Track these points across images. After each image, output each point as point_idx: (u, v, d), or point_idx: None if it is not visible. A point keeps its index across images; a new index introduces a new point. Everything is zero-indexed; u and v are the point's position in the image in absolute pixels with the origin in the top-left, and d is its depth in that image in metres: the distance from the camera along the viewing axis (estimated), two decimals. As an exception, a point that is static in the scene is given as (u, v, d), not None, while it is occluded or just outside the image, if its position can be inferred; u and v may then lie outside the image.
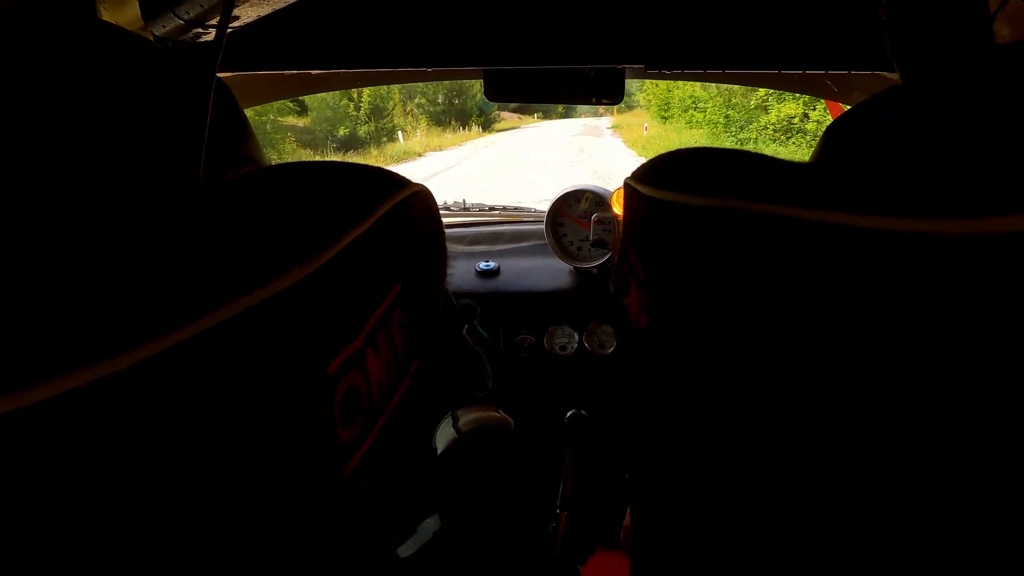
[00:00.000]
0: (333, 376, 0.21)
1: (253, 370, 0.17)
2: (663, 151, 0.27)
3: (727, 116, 11.31)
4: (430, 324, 0.30)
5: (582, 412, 0.90)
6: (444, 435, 0.70)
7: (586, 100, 0.75)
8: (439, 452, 0.68)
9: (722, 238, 0.19)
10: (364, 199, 0.24)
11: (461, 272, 1.03)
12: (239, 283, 0.17)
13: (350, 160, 0.35)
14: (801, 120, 9.40)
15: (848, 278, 0.15)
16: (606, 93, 0.73)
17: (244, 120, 0.34)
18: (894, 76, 0.68)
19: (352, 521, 0.23)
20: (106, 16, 0.49)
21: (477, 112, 17.89)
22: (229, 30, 0.62)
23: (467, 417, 0.70)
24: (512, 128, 20.72)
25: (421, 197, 0.29)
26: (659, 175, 0.25)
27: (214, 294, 0.16)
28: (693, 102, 12.60)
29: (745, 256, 0.18)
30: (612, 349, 0.93)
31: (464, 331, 0.79)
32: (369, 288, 0.23)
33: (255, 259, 0.18)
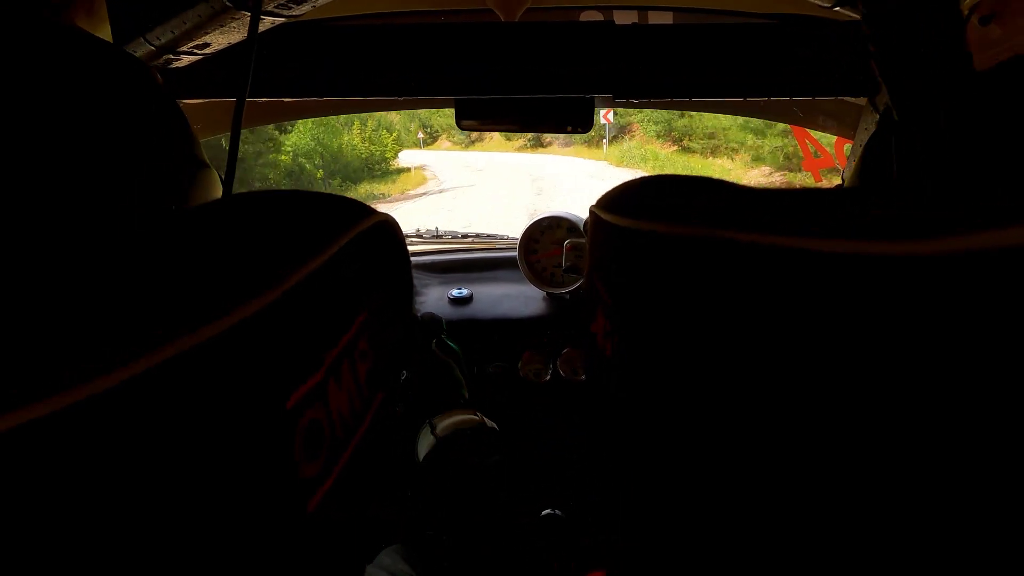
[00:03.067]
0: (293, 410, 0.20)
1: (206, 408, 0.16)
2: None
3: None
4: (396, 355, 0.30)
5: (556, 512, 0.88)
6: (424, 443, 0.69)
7: (556, 129, 0.77)
8: (420, 459, 0.68)
9: (685, 265, 0.19)
10: (326, 228, 0.24)
11: (434, 299, 1.02)
12: (191, 317, 0.16)
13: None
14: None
15: (805, 301, 0.15)
16: (575, 121, 0.75)
17: (194, 137, 0.34)
18: (859, 101, 0.71)
19: (318, 556, 0.23)
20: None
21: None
22: (200, 56, 0.62)
23: (444, 422, 0.70)
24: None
25: (386, 226, 0.28)
26: (623, 203, 0.25)
27: (164, 329, 0.16)
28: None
29: (707, 282, 0.18)
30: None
31: (433, 344, 0.79)
32: (331, 318, 0.23)
33: (209, 292, 0.18)
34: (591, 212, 0.28)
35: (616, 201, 0.26)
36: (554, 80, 0.68)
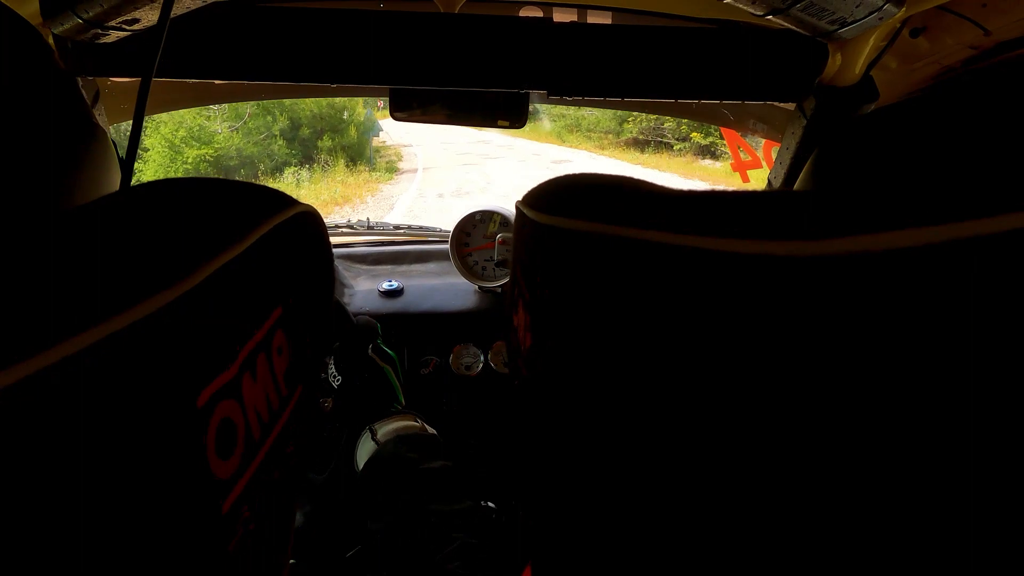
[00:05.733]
0: (204, 408, 0.19)
1: (112, 405, 0.16)
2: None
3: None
4: (316, 349, 0.29)
5: (490, 504, 0.89)
6: (364, 450, 0.68)
7: (491, 123, 0.77)
8: (360, 467, 0.67)
9: (595, 262, 0.20)
10: (242, 218, 0.23)
11: (364, 292, 1.00)
12: (92, 311, 0.15)
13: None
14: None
15: (704, 298, 0.17)
16: (510, 116, 0.76)
17: (93, 121, 0.31)
18: (787, 106, 0.75)
19: (234, 559, 0.22)
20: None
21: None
22: (129, 32, 0.58)
23: (385, 428, 0.69)
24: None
25: (307, 217, 0.28)
26: (544, 200, 0.26)
27: (64, 323, 0.15)
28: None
29: (616, 279, 0.19)
30: None
31: (369, 350, 0.77)
32: (245, 312, 0.22)
33: (113, 284, 0.17)
34: (516, 207, 0.28)
35: (540, 198, 0.26)
36: (490, 73, 0.68)
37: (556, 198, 0.25)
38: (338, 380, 0.80)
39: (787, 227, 0.15)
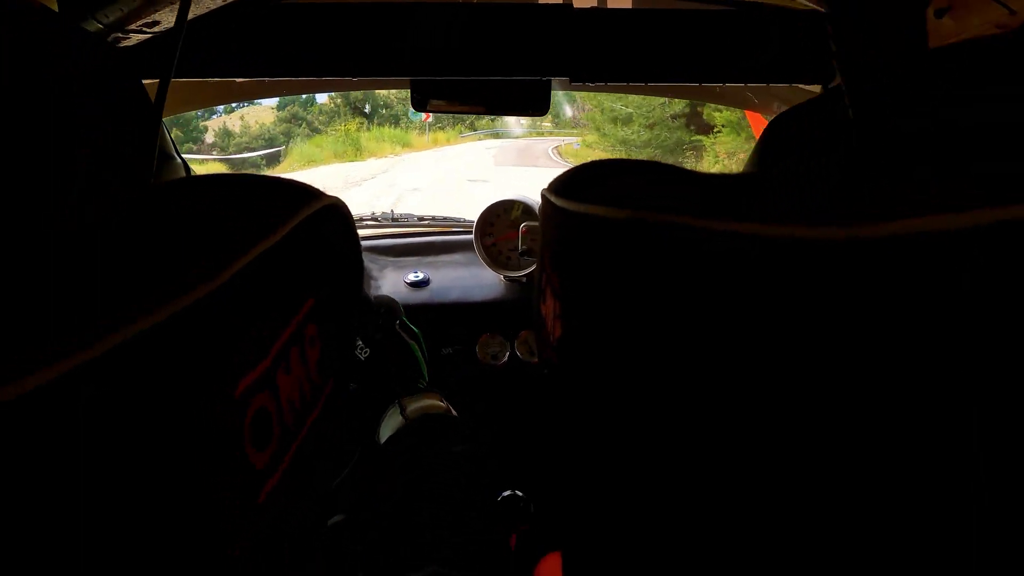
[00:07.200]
0: (241, 399, 0.20)
1: (149, 399, 0.16)
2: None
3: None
4: (347, 342, 0.30)
5: (517, 493, 0.88)
6: (391, 423, 0.68)
7: (513, 111, 0.76)
8: (384, 440, 0.67)
9: (632, 249, 0.20)
10: (273, 212, 0.23)
11: (390, 283, 1.01)
12: (136, 305, 0.16)
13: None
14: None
15: (746, 285, 0.16)
16: (532, 105, 0.75)
17: (162, 127, 0.32)
18: (813, 88, 0.73)
19: (268, 547, 0.22)
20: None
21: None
22: (149, 35, 0.59)
23: (415, 405, 0.69)
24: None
25: (335, 210, 0.28)
26: (573, 187, 0.25)
27: (107, 317, 0.15)
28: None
29: (651, 266, 0.19)
30: None
31: (396, 325, 0.78)
32: (279, 304, 0.22)
33: (154, 278, 0.17)
34: (542, 196, 0.28)
35: (566, 185, 0.26)
36: (512, 62, 0.68)
37: (585, 185, 0.25)
38: (366, 352, 0.81)
39: (823, 212, 0.15)
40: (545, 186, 0.29)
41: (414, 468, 0.61)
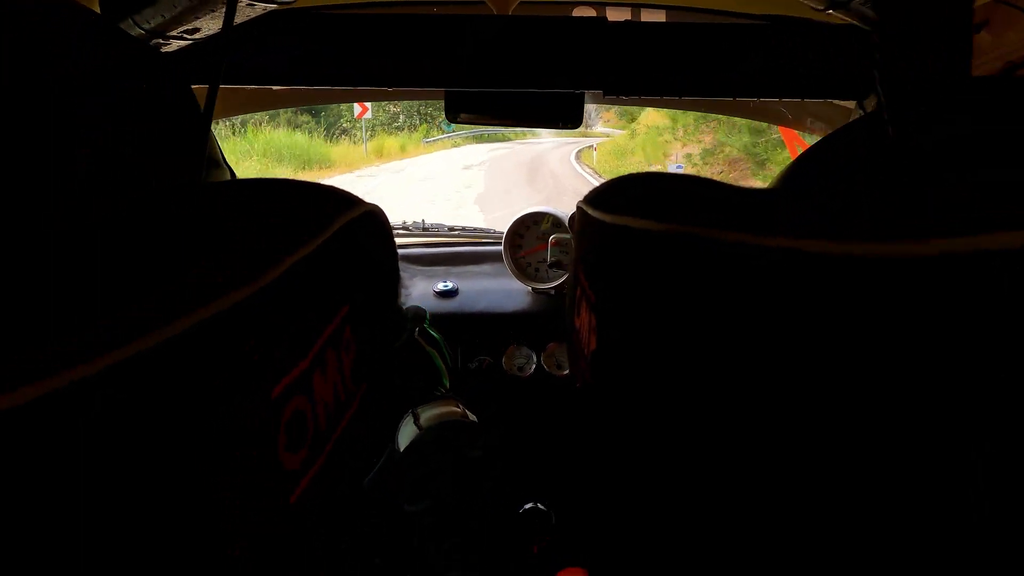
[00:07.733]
0: (277, 401, 0.20)
1: (190, 397, 0.16)
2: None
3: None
4: (380, 347, 0.30)
5: (539, 506, 0.86)
6: (406, 433, 0.68)
7: (545, 124, 0.77)
8: (401, 450, 0.67)
9: (671, 263, 0.20)
10: (313, 218, 0.24)
11: (419, 293, 1.02)
12: (179, 304, 0.16)
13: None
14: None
15: (791, 300, 0.16)
16: (565, 117, 0.75)
17: (210, 134, 0.33)
18: (847, 104, 0.72)
19: (300, 549, 0.23)
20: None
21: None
22: (190, 41, 0.61)
23: (428, 413, 0.69)
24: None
25: (373, 217, 0.28)
26: (610, 199, 0.25)
27: (148, 316, 0.15)
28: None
29: (694, 280, 0.19)
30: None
31: (416, 333, 0.79)
32: (318, 307, 0.23)
33: (197, 278, 0.18)
34: (578, 208, 0.28)
35: (604, 197, 0.26)
36: (545, 74, 0.68)
37: (623, 197, 0.25)
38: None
39: (880, 228, 0.15)
40: (581, 199, 0.28)
41: (428, 473, 0.61)
